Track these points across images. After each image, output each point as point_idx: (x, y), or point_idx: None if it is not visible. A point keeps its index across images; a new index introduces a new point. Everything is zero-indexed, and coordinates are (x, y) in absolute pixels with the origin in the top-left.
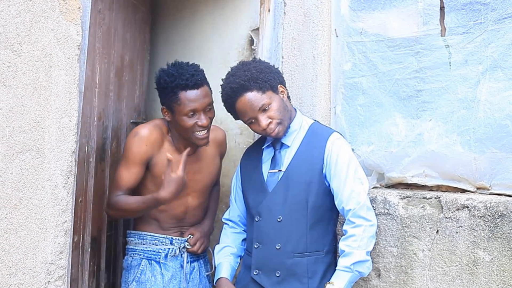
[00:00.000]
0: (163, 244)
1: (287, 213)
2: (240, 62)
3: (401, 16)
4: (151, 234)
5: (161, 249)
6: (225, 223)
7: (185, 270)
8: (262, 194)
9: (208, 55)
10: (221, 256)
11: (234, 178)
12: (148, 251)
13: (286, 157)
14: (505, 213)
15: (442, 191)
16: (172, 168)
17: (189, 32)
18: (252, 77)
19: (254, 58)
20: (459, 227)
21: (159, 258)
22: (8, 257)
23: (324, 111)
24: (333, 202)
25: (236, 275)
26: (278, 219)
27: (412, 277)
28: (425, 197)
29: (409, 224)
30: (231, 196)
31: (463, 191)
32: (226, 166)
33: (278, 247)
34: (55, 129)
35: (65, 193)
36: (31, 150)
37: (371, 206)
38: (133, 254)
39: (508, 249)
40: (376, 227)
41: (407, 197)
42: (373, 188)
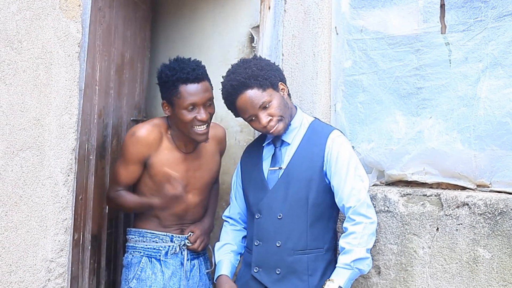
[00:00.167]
0: (163, 242)
1: (288, 211)
2: (240, 60)
3: (401, 13)
4: (152, 231)
5: (161, 247)
6: (225, 220)
7: (185, 267)
8: (263, 192)
9: (208, 53)
10: (221, 254)
11: (235, 175)
12: (148, 248)
13: (286, 155)
14: (505, 210)
15: (442, 188)
16: (170, 186)
17: (189, 30)
18: (253, 75)
19: (254, 55)
20: (459, 224)
21: (159, 255)
22: (8, 255)
23: (324, 108)
24: (334, 199)
25: (236, 272)
26: (279, 217)
27: (412, 275)
28: (425, 195)
29: (409, 222)
30: (232, 193)
31: (463, 188)
32: (226, 163)
33: (278, 245)
34: (55, 127)
35: (65, 190)
36: (31, 147)
37: (371, 203)
38: (133, 251)
39: (508, 247)
40: (376, 225)
41: (407, 194)
42: (373, 185)
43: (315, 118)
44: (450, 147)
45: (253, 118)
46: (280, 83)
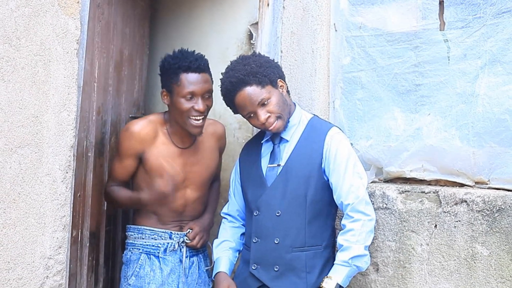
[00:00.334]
0: (162, 239)
1: (286, 208)
2: (239, 56)
3: (400, 10)
4: (150, 228)
5: (160, 244)
6: (224, 217)
7: (184, 264)
8: (261, 189)
9: (207, 50)
10: (220, 251)
11: (233, 172)
12: (147, 245)
13: (285, 152)
14: (503, 207)
15: (441, 185)
16: (162, 182)
17: (188, 27)
18: (252, 72)
19: (253, 52)
20: (457, 221)
21: (158, 252)
22: (6, 252)
23: (323, 105)
24: (332, 196)
25: (234, 269)
26: (277, 214)
27: (410, 272)
28: (424, 192)
29: (407, 219)
30: (230, 190)
31: (462, 185)
32: (225, 160)
33: (276, 242)
34: (54, 124)
35: (64, 187)
36: (29, 144)
37: (369, 200)
38: (132, 248)
39: (506, 243)
40: (375, 222)
41: (405, 191)
42: (372, 182)
43: (314, 115)
44: (448, 144)
45: (252, 115)
46: (279, 80)
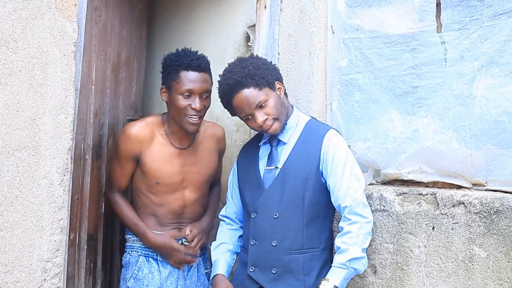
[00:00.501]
0: None
1: (284, 210)
2: (237, 58)
3: (397, 12)
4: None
5: None
6: (222, 219)
7: (183, 267)
8: (259, 191)
9: (204, 52)
10: (218, 253)
11: (231, 175)
12: (145, 248)
13: (282, 154)
14: (501, 209)
15: (438, 187)
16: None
17: (185, 29)
18: (249, 74)
19: (251, 54)
20: (455, 223)
21: (157, 255)
22: (4, 255)
23: (320, 107)
24: (330, 199)
25: (232, 272)
26: (275, 216)
27: (408, 274)
28: (421, 194)
29: (405, 221)
30: (228, 193)
31: (459, 187)
32: (223, 163)
33: (274, 244)
34: (51, 127)
35: (61, 190)
36: (27, 147)
37: (367, 203)
38: (131, 251)
39: (504, 245)
40: (372, 224)
41: (403, 193)
42: (369, 184)
43: (312, 117)
44: (446, 146)
45: (249, 117)
46: (276, 82)
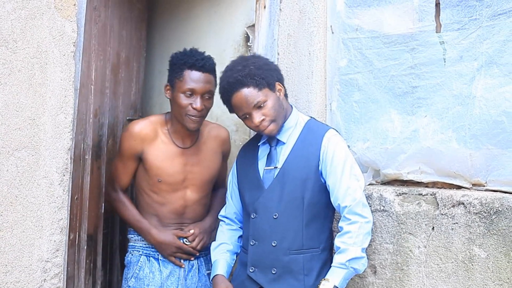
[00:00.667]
0: None
1: (283, 210)
2: (239, 57)
3: (396, 12)
4: None
5: None
6: (222, 220)
7: (184, 267)
8: (258, 191)
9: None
10: (217, 253)
11: (230, 175)
12: (147, 247)
13: (282, 154)
14: (500, 209)
15: (438, 187)
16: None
17: (185, 29)
18: (250, 73)
19: (254, 54)
20: (454, 223)
21: (158, 254)
22: (3, 255)
23: (320, 107)
24: (329, 199)
25: (232, 272)
26: (274, 216)
27: (408, 274)
28: (421, 194)
29: (404, 221)
30: (227, 193)
31: (459, 187)
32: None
33: (274, 244)
34: (51, 126)
35: (61, 190)
36: (26, 147)
37: (367, 203)
38: (132, 250)
39: (504, 246)
40: (372, 224)
41: (402, 193)
42: (369, 184)
43: (311, 117)
44: (445, 146)
45: (247, 116)
46: (277, 83)
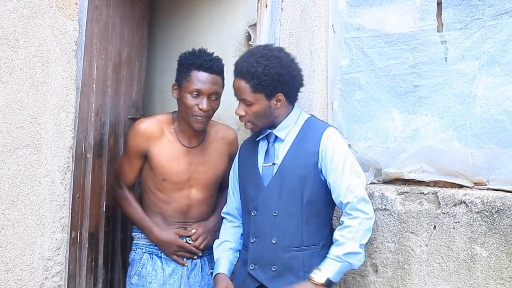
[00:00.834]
0: None
1: (283, 208)
2: (263, 49)
3: (398, 11)
4: None
5: None
6: (224, 217)
7: (187, 265)
8: (258, 189)
9: None
10: (220, 251)
11: (231, 171)
12: (150, 245)
13: (280, 151)
14: (502, 208)
15: (440, 186)
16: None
17: (186, 27)
18: (255, 74)
19: (281, 50)
20: (456, 222)
21: (161, 252)
22: (5, 253)
23: (322, 106)
24: (329, 196)
25: (234, 270)
26: (274, 214)
27: (409, 273)
28: (423, 193)
29: (406, 220)
30: (229, 189)
31: (460, 186)
32: None
33: (274, 242)
34: (52, 125)
35: (63, 189)
36: (28, 146)
37: (369, 199)
38: (136, 248)
39: (505, 245)
40: (374, 221)
41: (404, 192)
42: (371, 183)
43: (311, 115)
44: (446, 145)
45: (239, 102)
46: (279, 94)
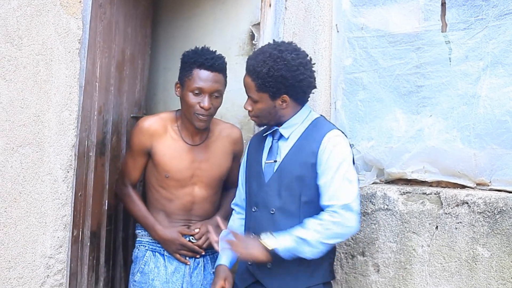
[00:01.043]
0: None
1: (280, 206)
2: (273, 48)
3: (402, 11)
4: None
5: None
6: (233, 209)
7: (190, 264)
8: (259, 185)
9: None
10: (224, 242)
11: (242, 164)
12: (152, 242)
13: (283, 149)
14: (504, 209)
15: (442, 187)
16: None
17: (190, 26)
18: (260, 74)
19: (292, 52)
20: (458, 223)
21: (163, 250)
22: (7, 251)
23: (325, 106)
24: None
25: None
26: (271, 211)
27: (411, 273)
28: (425, 193)
29: (408, 220)
30: (239, 181)
31: (463, 187)
32: None
33: None
34: (55, 123)
35: (65, 187)
36: (31, 144)
37: (357, 209)
38: (139, 246)
39: (507, 245)
40: (352, 233)
41: (406, 192)
42: (373, 183)
43: (321, 115)
44: (450, 146)
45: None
46: (283, 96)
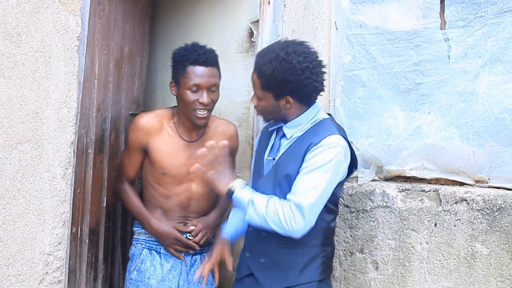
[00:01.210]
0: None
1: None
2: (283, 47)
3: (401, 9)
4: None
5: None
6: None
7: (186, 262)
8: (259, 179)
9: None
10: (231, 218)
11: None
12: (149, 240)
13: (282, 147)
14: (503, 206)
15: (441, 184)
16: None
17: (188, 23)
18: (264, 74)
19: (300, 54)
20: (457, 220)
21: (160, 248)
22: (6, 248)
23: (324, 103)
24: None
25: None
26: None
27: (410, 270)
28: (424, 190)
29: (407, 217)
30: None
31: (462, 184)
32: None
33: (264, 234)
34: (54, 120)
35: (64, 184)
36: (30, 141)
37: (307, 216)
38: (136, 243)
39: (506, 242)
40: (290, 234)
41: (405, 190)
42: (372, 181)
43: (329, 116)
44: (448, 143)
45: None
46: (287, 97)
